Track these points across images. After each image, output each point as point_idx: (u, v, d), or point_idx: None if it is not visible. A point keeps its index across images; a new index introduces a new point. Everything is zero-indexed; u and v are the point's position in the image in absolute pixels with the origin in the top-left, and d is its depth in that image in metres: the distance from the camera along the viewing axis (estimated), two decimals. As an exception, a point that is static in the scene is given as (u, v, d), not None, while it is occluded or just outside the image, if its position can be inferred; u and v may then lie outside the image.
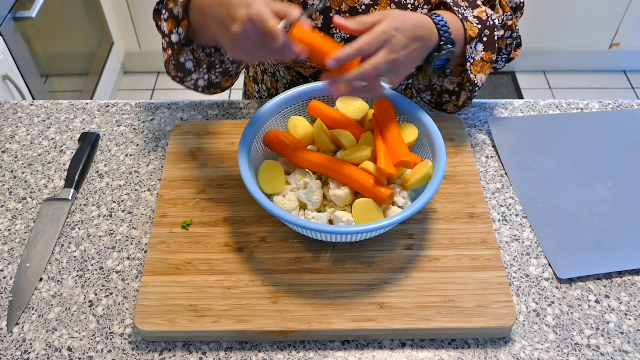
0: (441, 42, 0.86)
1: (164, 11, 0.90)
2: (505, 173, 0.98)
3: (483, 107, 1.09)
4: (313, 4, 0.77)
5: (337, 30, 0.95)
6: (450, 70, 0.97)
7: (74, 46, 2.26)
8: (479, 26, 0.90)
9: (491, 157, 1.00)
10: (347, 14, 0.93)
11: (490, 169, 0.98)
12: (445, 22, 0.86)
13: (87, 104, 1.11)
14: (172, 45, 0.89)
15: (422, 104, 1.07)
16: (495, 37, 0.93)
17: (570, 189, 0.95)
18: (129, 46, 2.69)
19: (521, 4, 1.00)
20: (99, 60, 2.45)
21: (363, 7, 0.93)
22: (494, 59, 0.95)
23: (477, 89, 0.94)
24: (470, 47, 0.91)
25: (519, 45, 1.02)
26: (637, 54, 2.71)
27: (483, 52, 0.92)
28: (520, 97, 2.68)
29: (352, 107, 0.91)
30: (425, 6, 0.95)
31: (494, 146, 1.02)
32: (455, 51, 0.88)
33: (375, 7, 0.93)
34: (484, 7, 0.93)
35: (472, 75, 0.92)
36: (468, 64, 0.92)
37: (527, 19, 2.53)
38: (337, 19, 0.79)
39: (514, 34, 0.98)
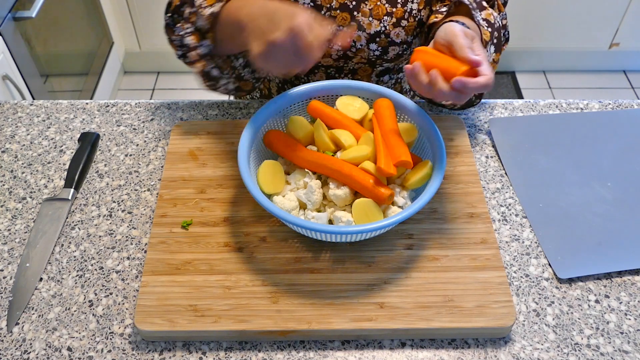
0: None
1: (188, 25, 0.92)
2: (505, 173, 0.98)
3: (483, 107, 1.09)
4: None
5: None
6: None
7: (74, 46, 2.26)
8: (489, 29, 0.92)
9: (491, 157, 1.00)
10: (338, 11, 0.93)
11: (490, 169, 0.98)
12: None
13: (87, 104, 1.11)
14: (204, 56, 0.92)
15: (421, 104, 1.07)
16: (502, 38, 0.96)
17: (570, 189, 0.95)
18: (129, 46, 2.69)
19: (506, 0, 1.03)
20: (99, 60, 2.45)
21: (354, 2, 0.93)
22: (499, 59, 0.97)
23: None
24: (487, 51, 0.91)
25: (507, 40, 1.04)
26: (637, 54, 2.71)
27: (494, 54, 0.95)
28: (520, 97, 2.68)
29: (352, 107, 0.91)
30: (415, 1, 0.96)
31: (494, 146, 1.02)
32: None
33: (366, 2, 0.93)
34: (490, 10, 0.94)
35: None
36: None
37: (527, 18, 2.53)
38: (477, 60, 0.76)
39: (505, 31, 1.01)
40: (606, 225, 0.90)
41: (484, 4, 0.95)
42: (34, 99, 1.92)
